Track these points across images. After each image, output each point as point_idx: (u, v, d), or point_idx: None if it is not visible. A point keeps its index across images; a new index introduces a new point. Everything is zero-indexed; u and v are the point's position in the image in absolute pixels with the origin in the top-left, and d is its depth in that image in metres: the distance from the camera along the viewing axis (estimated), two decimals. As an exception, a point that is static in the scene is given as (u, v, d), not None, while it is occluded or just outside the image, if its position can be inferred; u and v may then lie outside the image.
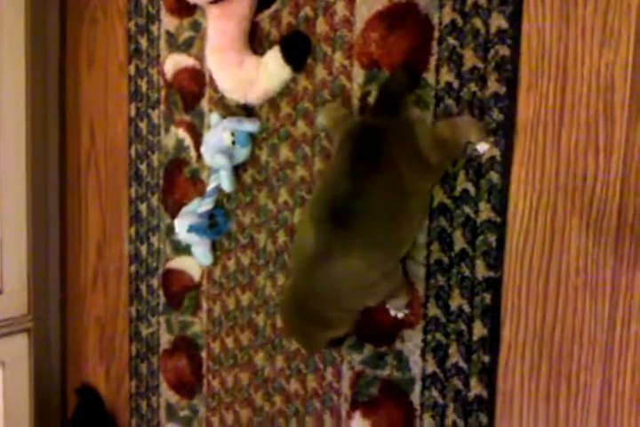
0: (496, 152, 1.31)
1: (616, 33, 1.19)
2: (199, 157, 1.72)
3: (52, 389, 2.17)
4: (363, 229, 1.20)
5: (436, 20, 1.35)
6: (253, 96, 1.56)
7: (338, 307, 1.31)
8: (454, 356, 1.40)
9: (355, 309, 1.38)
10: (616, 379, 1.25)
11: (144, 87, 1.84)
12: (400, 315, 1.45)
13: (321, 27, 1.49)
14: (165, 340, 1.88)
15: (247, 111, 1.63)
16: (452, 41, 1.34)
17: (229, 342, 1.74)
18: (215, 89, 1.66)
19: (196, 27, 1.70)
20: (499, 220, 1.32)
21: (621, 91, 1.20)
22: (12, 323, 1.87)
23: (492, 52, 1.30)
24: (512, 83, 1.29)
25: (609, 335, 1.25)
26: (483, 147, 1.31)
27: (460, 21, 1.33)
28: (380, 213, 1.21)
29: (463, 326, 1.38)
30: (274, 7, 1.55)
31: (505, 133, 1.30)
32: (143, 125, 1.85)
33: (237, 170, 1.65)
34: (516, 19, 1.28)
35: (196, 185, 1.75)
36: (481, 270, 1.35)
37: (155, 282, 1.89)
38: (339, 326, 1.34)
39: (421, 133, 1.27)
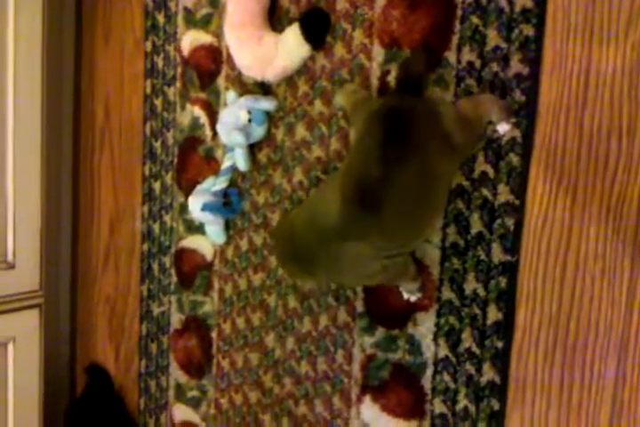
0: (517, 133, 1.29)
1: (644, 12, 1.17)
2: (214, 135, 1.71)
3: (61, 366, 2.18)
4: (388, 218, 1.18)
5: (459, -1, 1.33)
6: (271, 74, 1.54)
7: (329, 278, 1.32)
8: (467, 340, 1.39)
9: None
10: (631, 369, 1.24)
11: (160, 64, 1.83)
12: (413, 298, 1.44)
13: (341, 4, 1.47)
14: (176, 319, 1.88)
15: (264, 89, 1.61)
16: (475, 20, 1.32)
17: (240, 322, 1.73)
18: (232, 67, 1.65)
19: (215, 3, 1.68)
20: (517, 203, 1.31)
21: (647, 72, 1.18)
22: (23, 298, 1.87)
23: (515, 31, 1.28)
24: (535, 63, 1.27)
25: (625, 324, 1.24)
26: (503, 127, 1.29)
27: (484, 0, 1.30)
28: (407, 204, 1.19)
29: (477, 311, 1.37)
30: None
31: (527, 115, 1.28)
32: (158, 103, 1.84)
33: (252, 149, 1.64)
34: (541, -2, 1.25)
35: (211, 163, 1.74)
36: (497, 254, 1.34)
37: (167, 261, 1.88)
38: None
39: (445, 113, 1.24)
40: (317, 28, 1.49)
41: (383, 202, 1.16)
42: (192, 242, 1.82)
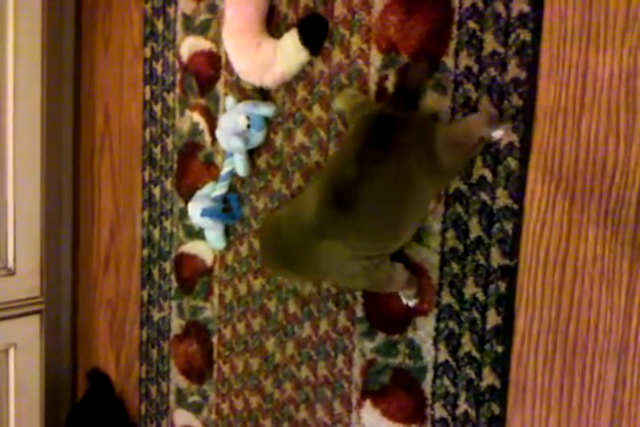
0: (514, 138, 1.29)
1: (639, 18, 1.17)
2: (214, 140, 1.71)
3: (62, 371, 2.18)
4: (362, 217, 1.18)
5: (456, 4, 1.33)
6: (270, 79, 1.54)
7: (314, 275, 1.33)
8: (467, 345, 1.39)
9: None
10: (631, 373, 1.24)
11: (159, 70, 1.83)
12: (411, 303, 1.44)
13: (339, 9, 1.48)
14: (176, 325, 1.88)
15: (263, 95, 1.61)
16: (472, 25, 1.32)
17: (240, 327, 1.73)
18: (231, 72, 1.65)
19: (213, 9, 1.68)
20: (515, 207, 1.31)
21: (644, 77, 1.18)
22: (23, 304, 1.87)
23: (512, 36, 1.28)
24: (532, 68, 1.27)
25: (625, 328, 1.24)
26: (498, 133, 1.29)
27: (480, 5, 1.31)
28: (381, 204, 1.19)
29: (477, 315, 1.37)
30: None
31: (524, 119, 1.28)
32: (158, 108, 1.85)
33: (252, 154, 1.64)
34: (538, 3, 1.25)
35: (210, 169, 1.74)
36: (496, 258, 1.34)
37: (167, 266, 1.88)
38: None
39: (438, 133, 1.24)
40: (315, 34, 1.49)
41: (357, 202, 1.16)
42: (192, 247, 1.82)
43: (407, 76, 1.35)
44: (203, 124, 1.75)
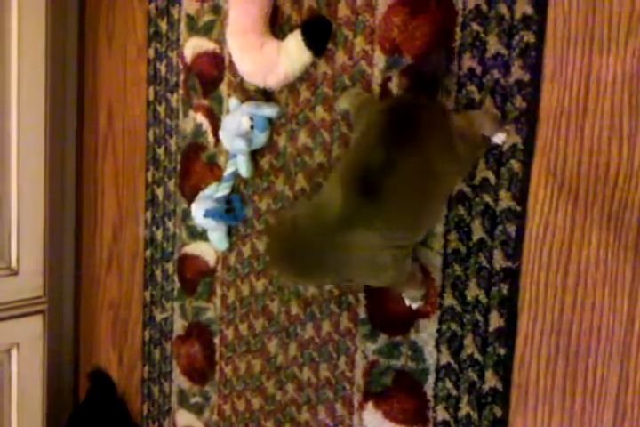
0: (518, 140, 1.29)
1: (644, 20, 1.17)
2: (217, 141, 1.71)
3: (64, 372, 2.18)
4: (389, 205, 1.17)
5: (459, 6, 1.33)
6: (273, 80, 1.54)
7: (337, 277, 1.29)
8: (469, 347, 1.39)
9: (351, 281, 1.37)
10: (633, 375, 1.24)
11: (163, 71, 1.83)
12: (415, 306, 1.44)
13: (342, 11, 1.48)
14: (179, 326, 1.88)
15: (266, 96, 1.61)
16: (475, 27, 1.32)
17: (243, 328, 1.73)
18: (234, 73, 1.65)
19: (217, 10, 1.68)
20: (519, 209, 1.30)
21: (648, 79, 1.18)
22: (26, 304, 1.87)
23: (516, 38, 1.28)
24: (536, 70, 1.27)
25: (627, 330, 1.23)
26: (499, 137, 1.29)
27: (484, 7, 1.31)
28: (407, 190, 1.18)
29: (479, 317, 1.37)
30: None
31: (527, 121, 1.28)
32: (161, 109, 1.85)
33: (255, 155, 1.64)
34: (541, 5, 1.26)
35: (214, 170, 1.74)
36: (499, 260, 1.34)
37: (170, 267, 1.88)
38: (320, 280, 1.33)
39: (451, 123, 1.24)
40: (319, 35, 1.49)
41: (384, 188, 1.15)
42: (195, 248, 1.82)
43: (426, 65, 1.34)
44: (206, 125, 1.75)
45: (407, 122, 1.18)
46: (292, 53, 1.49)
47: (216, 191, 1.67)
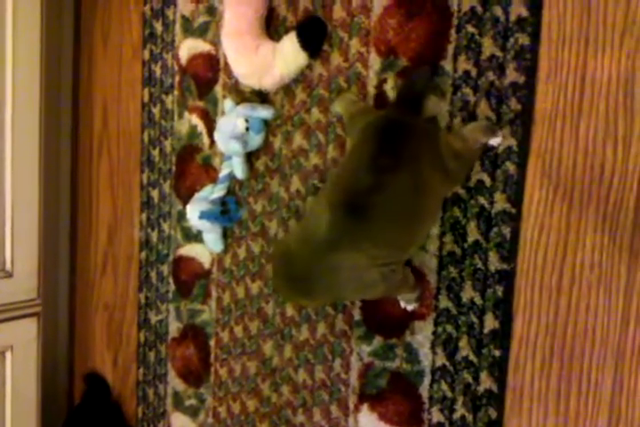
0: (513, 142, 1.29)
1: (638, 21, 1.16)
2: (212, 143, 1.71)
3: (59, 374, 2.18)
4: (377, 226, 1.18)
5: (455, 8, 1.33)
6: (268, 82, 1.54)
7: (331, 297, 1.32)
8: (465, 349, 1.38)
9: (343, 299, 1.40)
10: (628, 378, 1.23)
11: (158, 72, 1.83)
12: (410, 307, 1.43)
13: (338, 13, 1.48)
14: (174, 328, 1.88)
15: (261, 98, 1.61)
16: (470, 29, 1.32)
17: (238, 330, 1.73)
18: (229, 75, 1.65)
19: (212, 11, 1.68)
20: (514, 211, 1.30)
21: (642, 81, 1.18)
22: (21, 307, 1.87)
23: (511, 40, 1.28)
24: (531, 72, 1.27)
25: (622, 333, 1.23)
26: (495, 140, 1.29)
27: (479, 9, 1.31)
28: (396, 212, 1.19)
29: (474, 319, 1.37)
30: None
31: (522, 123, 1.28)
32: (156, 111, 1.85)
33: (250, 157, 1.64)
34: (536, 7, 1.25)
35: (209, 172, 1.74)
36: (494, 262, 1.33)
37: (165, 269, 1.88)
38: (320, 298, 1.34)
39: (442, 142, 1.25)
40: (314, 37, 1.49)
41: (371, 210, 1.16)
42: (190, 250, 1.82)
43: (410, 81, 1.34)
44: (201, 127, 1.75)
45: (396, 143, 1.19)
46: (288, 55, 1.49)
47: (211, 193, 1.67)
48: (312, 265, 1.22)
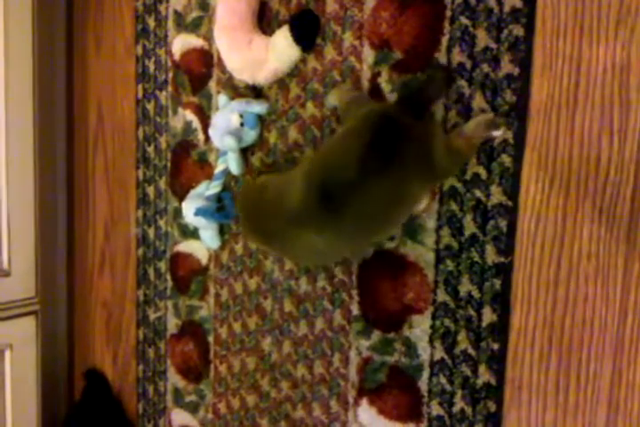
0: (508, 135, 1.28)
1: (633, 11, 1.16)
2: (207, 139, 1.70)
3: (58, 372, 2.18)
4: (346, 223, 1.19)
5: (448, -1, 1.33)
6: (262, 76, 1.54)
7: (282, 252, 1.44)
8: (463, 342, 1.38)
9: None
10: (627, 369, 1.23)
11: (151, 68, 1.82)
12: (498, 133, 1.29)
13: (331, 6, 1.47)
14: (173, 324, 1.88)
15: (255, 92, 1.61)
16: (464, 20, 1.31)
17: (237, 326, 1.73)
18: (223, 70, 1.64)
19: (205, 6, 1.67)
20: (510, 204, 1.30)
21: (637, 72, 1.17)
22: (19, 305, 1.87)
23: (505, 31, 1.27)
24: (526, 63, 1.26)
25: (620, 324, 1.23)
26: (497, 132, 1.28)
27: (473, 0, 1.30)
28: (371, 210, 1.19)
29: (472, 313, 1.36)
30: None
31: (518, 116, 1.27)
32: (150, 107, 1.84)
33: (245, 152, 1.64)
34: (530, -3, 1.25)
35: (204, 168, 1.73)
36: (491, 256, 1.33)
37: (162, 265, 1.88)
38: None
39: (438, 141, 1.24)
40: (307, 31, 1.48)
41: (346, 205, 1.16)
42: (187, 246, 1.81)
43: (424, 83, 1.33)
44: (196, 123, 1.74)
45: (389, 146, 1.17)
46: (281, 49, 1.48)
47: (207, 189, 1.66)
48: (275, 222, 1.26)
